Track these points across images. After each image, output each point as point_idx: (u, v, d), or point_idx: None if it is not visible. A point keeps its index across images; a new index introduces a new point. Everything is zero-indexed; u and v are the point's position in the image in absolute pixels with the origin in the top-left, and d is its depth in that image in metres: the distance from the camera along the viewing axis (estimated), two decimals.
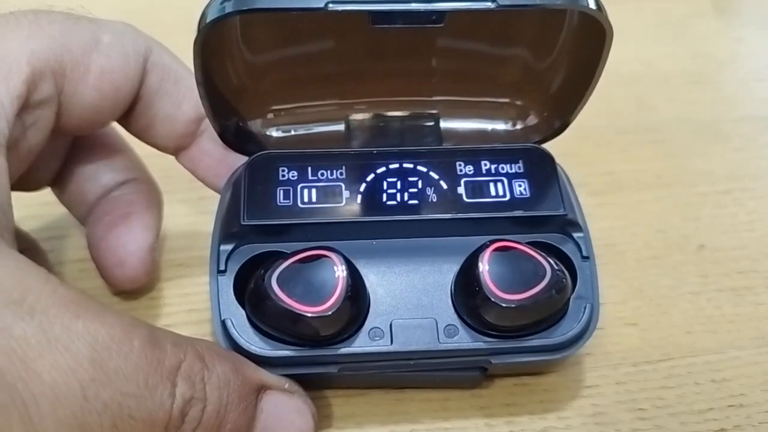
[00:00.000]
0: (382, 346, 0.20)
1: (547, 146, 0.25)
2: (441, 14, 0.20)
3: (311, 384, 0.21)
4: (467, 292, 0.21)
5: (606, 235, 0.28)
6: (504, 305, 0.20)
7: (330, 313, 0.19)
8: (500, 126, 0.25)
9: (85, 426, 0.16)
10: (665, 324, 0.25)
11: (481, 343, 0.20)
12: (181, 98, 0.23)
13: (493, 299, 0.20)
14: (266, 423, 0.19)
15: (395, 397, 0.23)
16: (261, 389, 0.19)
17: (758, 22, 0.41)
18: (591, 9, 0.20)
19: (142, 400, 0.17)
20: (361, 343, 0.20)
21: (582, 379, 0.24)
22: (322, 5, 0.19)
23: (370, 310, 0.21)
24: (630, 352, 0.24)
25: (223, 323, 0.21)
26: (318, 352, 0.20)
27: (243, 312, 0.21)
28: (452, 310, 0.21)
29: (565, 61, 0.23)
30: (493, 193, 0.22)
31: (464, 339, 0.21)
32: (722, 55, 0.39)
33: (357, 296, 0.20)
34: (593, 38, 0.21)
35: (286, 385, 0.20)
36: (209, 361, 0.18)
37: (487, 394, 0.23)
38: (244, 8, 0.19)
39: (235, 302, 0.21)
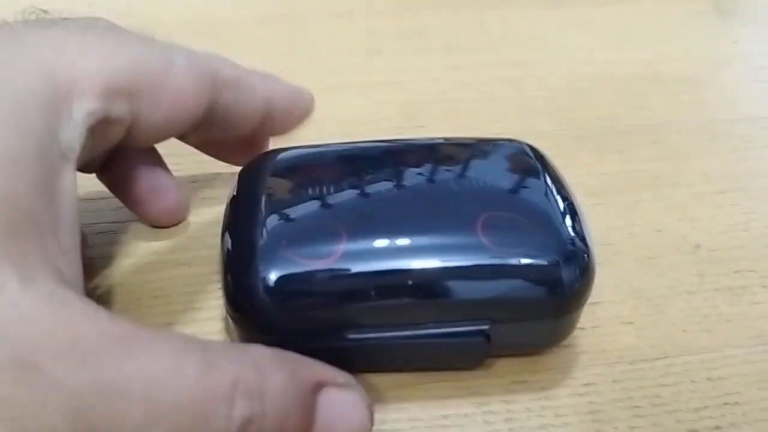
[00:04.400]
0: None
1: (546, 147, 0.26)
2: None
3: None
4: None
5: (603, 235, 0.28)
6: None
7: None
8: None
9: None
10: (662, 323, 0.26)
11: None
12: (251, 98, 0.24)
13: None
14: (324, 421, 0.19)
15: (395, 395, 0.23)
16: (318, 387, 0.19)
17: (756, 23, 0.42)
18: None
19: (199, 430, 0.16)
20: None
21: (579, 377, 0.24)
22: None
23: None
24: (627, 350, 0.25)
25: None
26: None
27: None
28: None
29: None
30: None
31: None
32: (719, 57, 0.39)
33: None
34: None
35: (341, 380, 0.20)
36: (266, 371, 0.18)
37: (485, 391, 0.23)
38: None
39: None
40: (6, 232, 0.16)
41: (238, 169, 0.25)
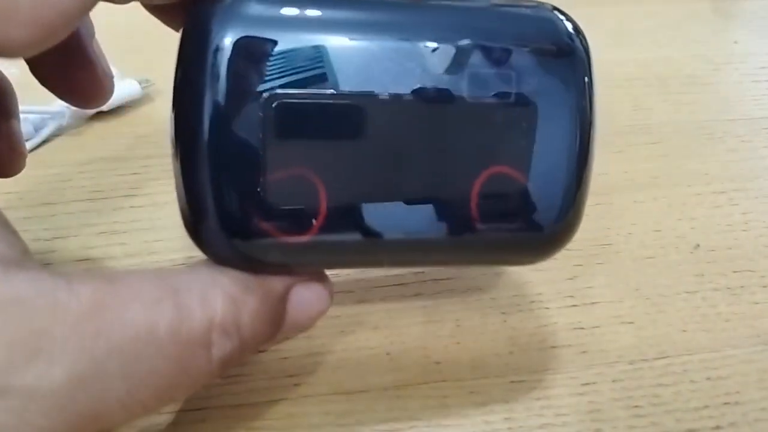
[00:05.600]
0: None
1: None
2: None
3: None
4: None
5: (602, 234, 0.28)
6: None
7: None
8: None
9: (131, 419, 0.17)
10: (661, 322, 0.26)
11: None
12: None
13: None
14: (290, 317, 0.20)
15: (395, 394, 0.23)
16: (286, 294, 0.19)
17: (754, 24, 0.42)
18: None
19: (180, 382, 0.17)
20: None
21: (578, 376, 0.24)
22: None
23: None
24: (626, 350, 0.25)
25: None
26: None
27: None
28: None
29: None
30: None
31: None
32: (718, 57, 0.39)
33: None
34: None
35: (305, 276, 0.20)
36: (239, 299, 0.18)
37: (485, 391, 0.23)
38: None
39: None
40: None
41: None
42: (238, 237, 0.18)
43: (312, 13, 0.18)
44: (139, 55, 0.29)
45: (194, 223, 0.18)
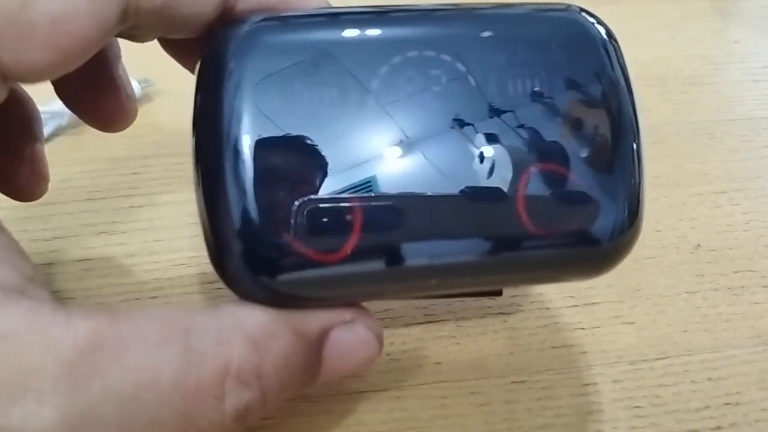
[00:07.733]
0: None
1: None
2: None
3: None
4: None
5: None
6: None
7: None
8: None
9: None
10: (661, 323, 0.26)
11: None
12: None
13: None
14: (329, 364, 0.18)
15: (395, 395, 0.23)
16: (323, 335, 0.17)
17: (755, 23, 0.42)
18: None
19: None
20: None
21: (579, 377, 0.24)
22: None
23: None
24: (627, 350, 0.25)
25: None
26: None
27: None
28: None
29: None
30: None
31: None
32: (719, 57, 0.39)
33: None
34: None
35: (348, 316, 0.18)
36: (263, 344, 0.16)
37: (485, 391, 0.23)
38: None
39: None
40: None
41: None
42: (265, 271, 0.17)
43: (339, 37, 0.17)
44: (139, 55, 0.29)
45: (218, 255, 0.17)
